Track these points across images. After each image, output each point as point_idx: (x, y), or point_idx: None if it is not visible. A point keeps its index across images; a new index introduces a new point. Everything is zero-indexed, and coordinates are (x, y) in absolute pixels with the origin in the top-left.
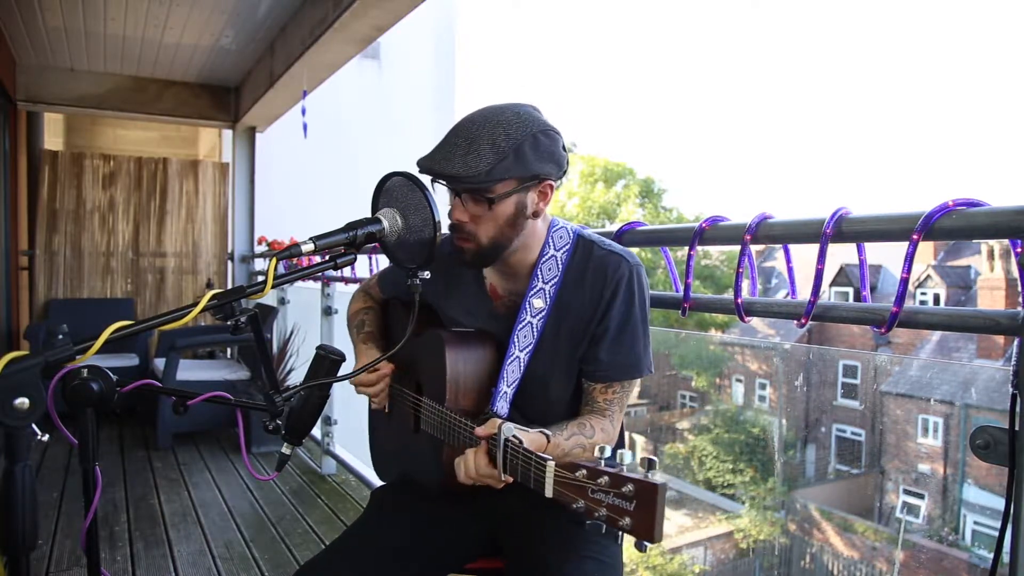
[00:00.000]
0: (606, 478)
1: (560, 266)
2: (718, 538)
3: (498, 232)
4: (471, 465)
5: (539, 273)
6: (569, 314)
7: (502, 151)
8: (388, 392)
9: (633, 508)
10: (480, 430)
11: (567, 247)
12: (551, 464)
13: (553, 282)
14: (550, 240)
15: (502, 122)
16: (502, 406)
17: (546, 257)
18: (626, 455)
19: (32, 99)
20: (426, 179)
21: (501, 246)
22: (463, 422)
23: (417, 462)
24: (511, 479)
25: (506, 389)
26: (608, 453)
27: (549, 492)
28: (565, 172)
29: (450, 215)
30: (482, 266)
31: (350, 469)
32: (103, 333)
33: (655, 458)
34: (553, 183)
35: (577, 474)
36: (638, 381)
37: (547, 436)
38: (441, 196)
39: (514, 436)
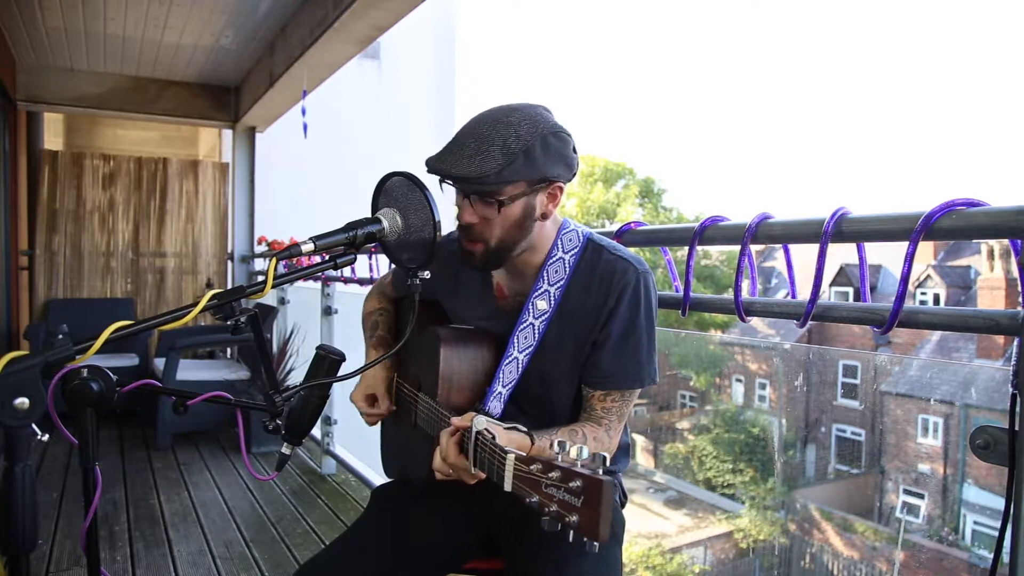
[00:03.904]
0: (558, 472)
1: (567, 269)
2: (718, 538)
3: (506, 234)
4: (443, 450)
5: (545, 275)
6: (573, 318)
7: (512, 153)
8: (383, 412)
9: (580, 504)
10: (456, 420)
11: (576, 250)
12: (511, 457)
13: (559, 285)
14: (559, 242)
15: (512, 123)
16: (495, 406)
17: (554, 259)
18: (583, 450)
19: (32, 99)
20: (433, 180)
21: (509, 248)
22: (445, 414)
23: (413, 458)
24: (483, 475)
25: (500, 389)
26: (567, 448)
27: (508, 486)
28: (575, 174)
29: (458, 217)
30: (489, 268)
31: (350, 469)
32: (103, 333)
33: (606, 454)
34: (563, 185)
35: (532, 468)
36: (638, 392)
37: (531, 438)
38: (445, 196)
39: (486, 430)
